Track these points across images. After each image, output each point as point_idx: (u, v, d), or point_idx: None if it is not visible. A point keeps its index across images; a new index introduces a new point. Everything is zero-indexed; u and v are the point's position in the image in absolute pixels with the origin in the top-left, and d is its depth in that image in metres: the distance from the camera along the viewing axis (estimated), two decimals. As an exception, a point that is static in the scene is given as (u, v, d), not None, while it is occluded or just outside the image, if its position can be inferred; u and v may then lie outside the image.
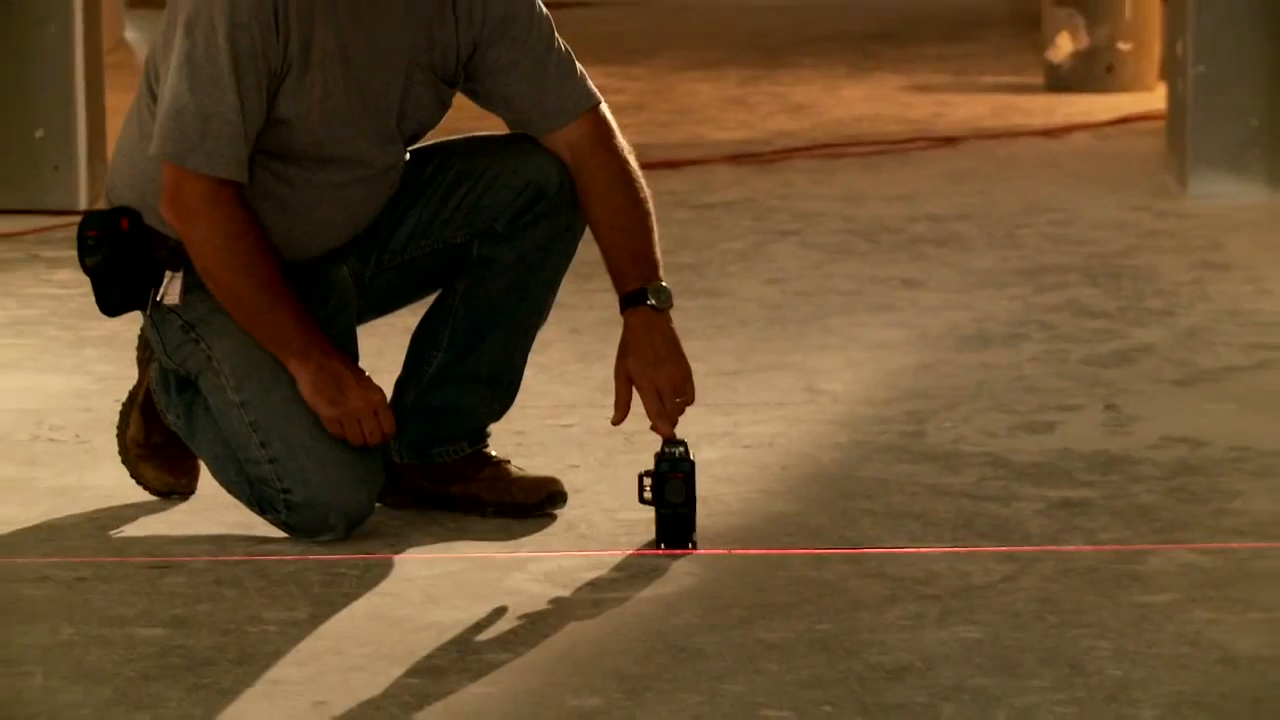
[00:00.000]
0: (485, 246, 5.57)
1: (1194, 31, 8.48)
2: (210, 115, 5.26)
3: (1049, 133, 9.57)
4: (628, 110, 8.83)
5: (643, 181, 5.58)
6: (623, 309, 5.46)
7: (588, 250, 5.55)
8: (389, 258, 5.61)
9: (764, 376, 6.67)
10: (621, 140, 5.59)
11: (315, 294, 5.46)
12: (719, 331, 7.07)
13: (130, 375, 5.80)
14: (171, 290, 5.43)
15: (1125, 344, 6.93)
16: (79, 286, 7.34)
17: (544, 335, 5.74)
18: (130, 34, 10.49)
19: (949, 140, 9.45)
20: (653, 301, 5.43)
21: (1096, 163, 9.11)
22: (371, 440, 5.37)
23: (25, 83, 8.31)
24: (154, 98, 5.35)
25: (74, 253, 5.52)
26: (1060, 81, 10.20)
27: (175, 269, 5.41)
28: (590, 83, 5.58)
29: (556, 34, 5.56)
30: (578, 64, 5.57)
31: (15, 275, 7.59)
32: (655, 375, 5.41)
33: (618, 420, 5.47)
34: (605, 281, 5.45)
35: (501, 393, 5.69)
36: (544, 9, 5.54)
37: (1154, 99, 9.78)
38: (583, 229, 5.58)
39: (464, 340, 5.63)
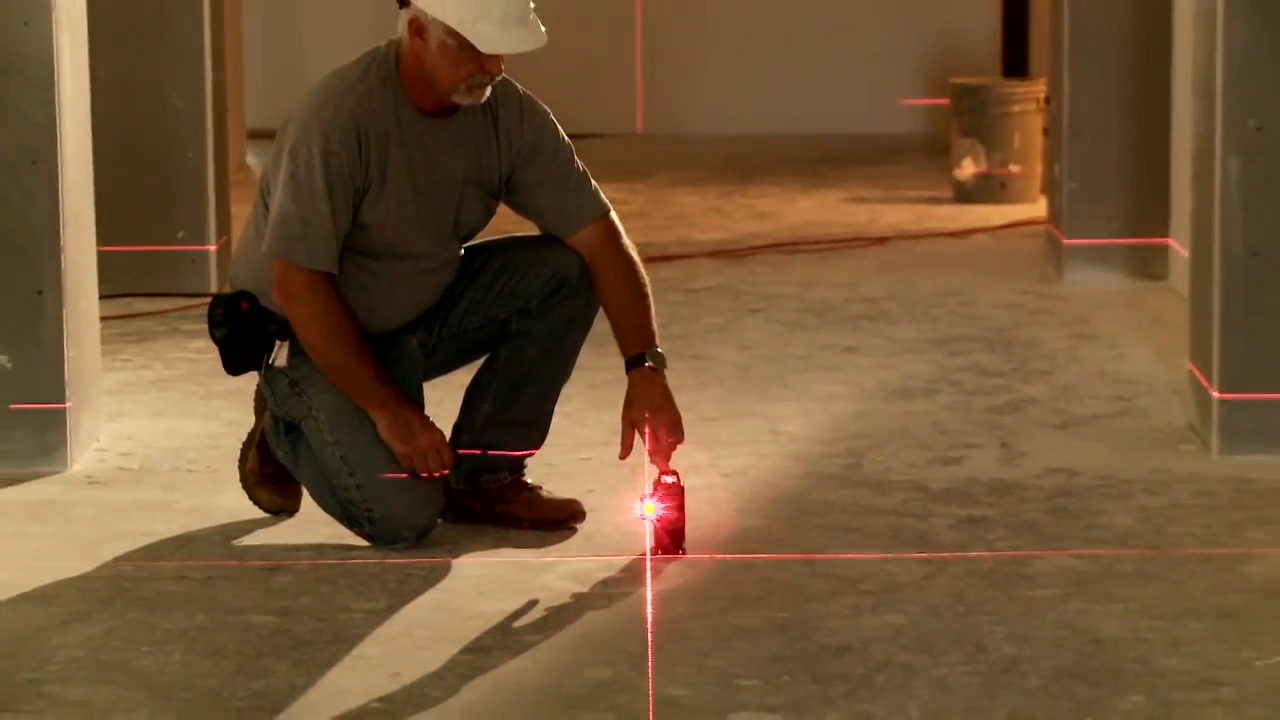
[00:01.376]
0: (521, 321, 5.57)
1: (1067, 157, 8.48)
2: (309, 222, 5.27)
3: (956, 234, 9.56)
4: (632, 217, 8.81)
5: (642, 271, 5.60)
6: (627, 369, 5.48)
7: (601, 324, 5.53)
8: (447, 330, 5.61)
9: (738, 421, 6.65)
10: (626, 239, 5.61)
11: (391, 358, 5.46)
12: (702, 386, 7.04)
13: (249, 420, 5.78)
14: (280, 355, 5.44)
15: (1016, 396, 6.91)
16: (210, 352, 7.32)
17: (568, 389, 5.73)
18: (250, 159, 10.49)
19: (880, 240, 9.43)
20: (650, 363, 5.44)
21: (993, 257, 9.10)
22: (434, 471, 5.36)
23: (170, 196, 8.30)
24: (265, 208, 5.36)
25: (206, 326, 5.51)
26: (965, 195, 10.19)
27: (283, 339, 5.43)
28: (602, 194, 5.58)
29: (576, 156, 5.56)
30: (592, 179, 5.58)
31: (161, 344, 7.58)
32: (653, 421, 5.42)
33: (623, 456, 5.46)
34: (616, 348, 5.44)
35: (535, 434, 5.68)
36: (566, 137, 5.55)
37: (1037, 209, 9.77)
38: (597, 308, 5.58)
39: (506, 394, 5.63)
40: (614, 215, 5.62)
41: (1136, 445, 6.35)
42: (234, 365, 5.56)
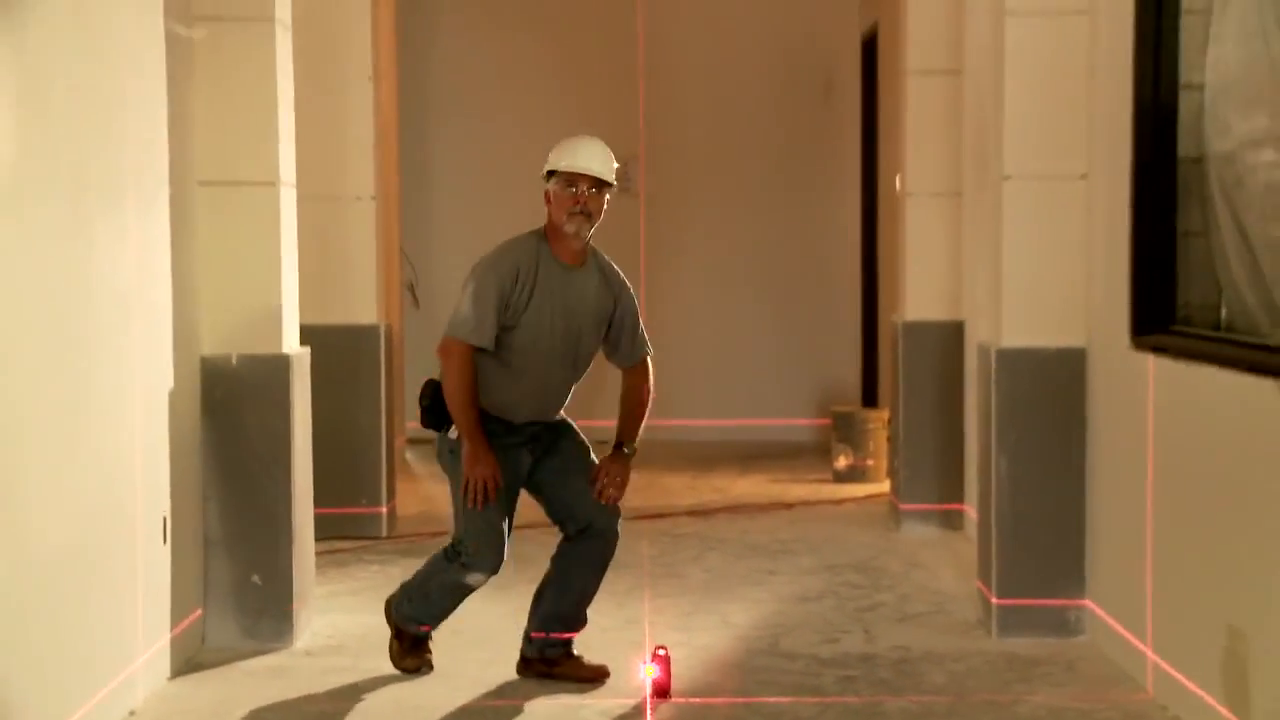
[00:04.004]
0: (566, 542, 5.56)
1: (902, 456, 8.50)
2: (478, 319, 5.29)
3: (836, 502, 9.53)
4: (639, 490, 8.73)
5: (649, 397, 5.59)
6: (613, 449, 5.50)
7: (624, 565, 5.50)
8: (537, 474, 5.51)
9: (702, 615, 6.60)
10: (651, 374, 5.60)
11: (511, 464, 5.39)
12: (681, 594, 7.00)
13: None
14: (454, 430, 5.38)
15: (872, 601, 6.87)
16: (378, 573, 7.31)
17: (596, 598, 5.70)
18: (409, 455, 10.51)
19: (789, 505, 9.40)
20: (626, 450, 5.49)
21: (857, 515, 9.07)
22: (489, 488, 5.28)
23: (358, 478, 8.30)
24: None
25: (380, 558, 5.49)
26: (840, 478, 10.16)
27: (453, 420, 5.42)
28: (648, 342, 5.63)
29: (638, 309, 5.62)
30: (642, 328, 5.61)
31: (351, 568, 7.54)
32: (610, 472, 5.45)
33: (593, 493, 5.47)
34: (624, 584, 5.40)
35: (577, 623, 5.63)
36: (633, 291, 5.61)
37: (884, 487, 9.74)
38: (614, 548, 5.56)
39: (557, 597, 5.59)
40: (649, 358, 5.62)
41: (946, 632, 6.31)
42: (429, 424, 5.47)
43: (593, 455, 5.56)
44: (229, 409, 6.01)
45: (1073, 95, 6.06)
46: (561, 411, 5.55)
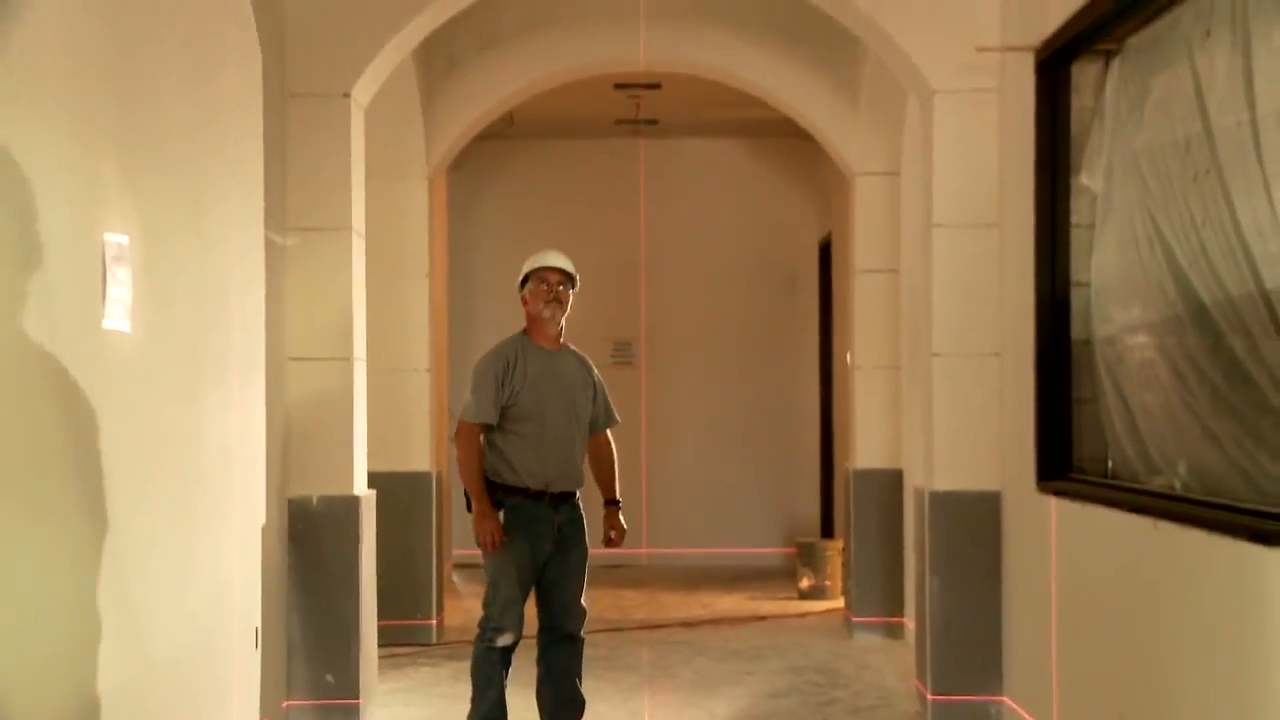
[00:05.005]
0: (547, 634, 5.48)
1: (854, 577, 8.47)
2: (480, 404, 5.29)
3: (800, 616, 9.47)
4: (639, 605, 8.66)
5: (614, 456, 5.55)
6: (604, 505, 5.49)
7: (602, 647, 5.45)
8: (543, 571, 5.44)
9: (692, 709, 6.54)
10: (611, 439, 5.60)
11: (533, 552, 5.35)
12: (673, 690, 6.94)
13: (455, 712, 5.66)
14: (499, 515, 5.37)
15: (830, 696, 6.80)
16: (428, 674, 7.23)
17: (599, 701, 5.62)
18: (455, 578, 10.45)
19: (762, 618, 9.35)
20: (615, 504, 5.48)
21: (818, 626, 9.01)
22: (491, 541, 5.22)
23: (413, 598, 8.26)
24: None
25: (428, 659, 5.44)
26: (804, 596, 10.10)
27: (498, 507, 5.36)
28: (615, 413, 5.62)
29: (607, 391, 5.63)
30: (611, 403, 5.60)
31: (406, 669, 7.49)
32: (615, 526, 5.46)
33: (604, 543, 5.49)
34: (630, 680, 5.33)
35: (578, 703, 5.52)
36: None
37: (839, 603, 9.69)
38: (580, 647, 5.48)
39: (554, 689, 5.50)
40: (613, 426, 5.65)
41: (891, 722, 6.25)
42: (470, 509, 5.42)
43: (586, 565, 5.54)
44: (310, 539, 6.02)
45: (987, 290, 6.15)
46: (578, 494, 5.53)
